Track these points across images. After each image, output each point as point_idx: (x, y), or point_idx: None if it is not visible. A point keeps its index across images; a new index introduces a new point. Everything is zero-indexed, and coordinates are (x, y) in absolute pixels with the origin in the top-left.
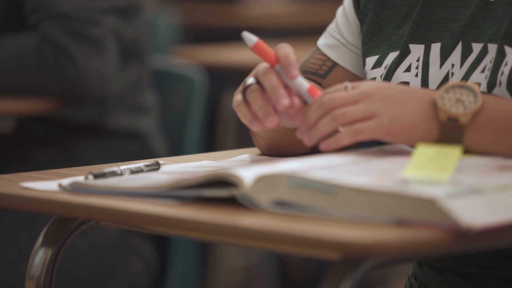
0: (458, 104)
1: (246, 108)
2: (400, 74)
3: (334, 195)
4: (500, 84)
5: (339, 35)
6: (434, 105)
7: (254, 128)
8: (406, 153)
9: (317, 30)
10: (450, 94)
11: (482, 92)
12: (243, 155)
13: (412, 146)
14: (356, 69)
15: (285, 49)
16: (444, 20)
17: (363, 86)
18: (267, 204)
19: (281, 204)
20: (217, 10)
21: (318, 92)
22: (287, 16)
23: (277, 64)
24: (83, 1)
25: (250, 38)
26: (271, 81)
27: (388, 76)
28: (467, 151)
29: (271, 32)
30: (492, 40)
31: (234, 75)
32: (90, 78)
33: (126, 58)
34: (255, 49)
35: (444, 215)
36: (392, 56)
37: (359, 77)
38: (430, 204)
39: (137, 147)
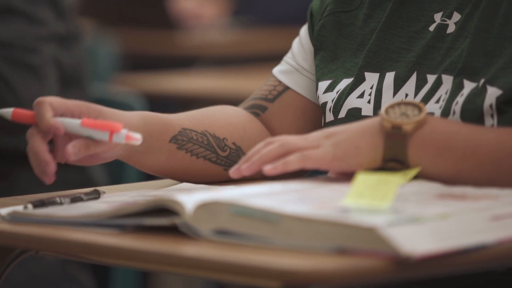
0: (403, 116)
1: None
2: (352, 99)
3: (275, 223)
4: (454, 113)
5: (293, 61)
6: (378, 122)
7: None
8: (346, 181)
9: (257, 59)
10: (395, 109)
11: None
12: (183, 183)
13: (361, 167)
14: (309, 94)
15: (38, 105)
16: (400, 50)
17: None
18: (208, 232)
19: (222, 232)
20: (157, 38)
21: (92, 121)
22: (227, 45)
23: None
24: (22, 29)
25: (5, 111)
26: (33, 146)
27: (339, 101)
28: (411, 165)
29: (211, 61)
30: (446, 72)
31: (174, 103)
32: (29, 107)
33: (66, 86)
34: (14, 118)
35: (384, 243)
36: (345, 82)
37: (311, 102)
38: (370, 232)
39: (77, 176)
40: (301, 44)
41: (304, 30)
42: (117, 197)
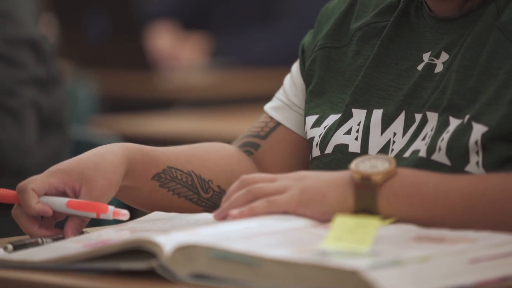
0: (372, 168)
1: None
2: (339, 135)
3: (256, 267)
4: (440, 149)
5: (284, 98)
6: (349, 174)
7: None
8: (323, 225)
9: (236, 101)
10: (365, 163)
11: (420, 158)
12: (154, 212)
13: (326, 216)
14: (300, 130)
15: (21, 193)
16: (387, 87)
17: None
18: (186, 276)
19: (201, 276)
20: (135, 80)
21: (77, 203)
22: (205, 87)
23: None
24: (1, 72)
25: None
26: (24, 227)
27: (326, 137)
28: (382, 215)
29: (190, 103)
30: (431, 109)
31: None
32: (8, 150)
33: (45, 129)
34: None
35: (367, 286)
36: (332, 118)
37: (302, 138)
38: (353, 275)
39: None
40: (292, 80)
41: (295, 67)
42: (93, 234)
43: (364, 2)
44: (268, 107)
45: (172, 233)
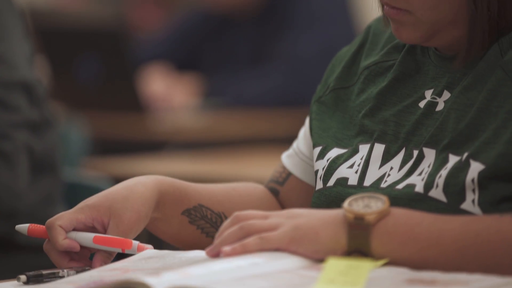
0: (366, 208)
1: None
2: (343, 169)
3: None
4: (437, 186)
5: (295, 145)
6: (342, 213)
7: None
8: (316, 266)
9: (228, 142)
10: (358, 202)
11: (416, 193)
12: (146, 250)
13: (318, 254)
14: (308, 179)
15: (49, 230)
16: (390, 123)
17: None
18: None
19: None
20: (127, 123)
21: (103, 239)
22: (197, 129)
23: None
24: None
25: (22, 227)
26: (55, 261)
27: (330, 169)
28: (375, 255)
29: (182, 145)
30: (428, 145)
31: None
32: (0, 193)
33: (38, 171)
34: (30, 233)
35: None
36: (336, 151)
37: (311, 186)
38: None
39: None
40: (304, 129)
41: (308, 118)
42: (84, 275)
43: (374, 41)
44: (284, 155)
45: (163, 274)
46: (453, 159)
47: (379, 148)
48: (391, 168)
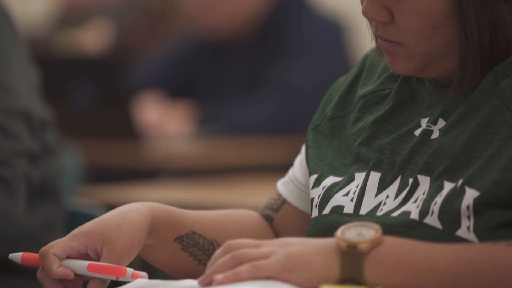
0: (359, 236)
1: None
2: (339, 197)
3: None
4: (433, 213)
5: (291, 173)
6: (335, 241)
7: None
8: None
9: (221, 170)
10: (351, 230)
11: (412, 220)
12: (138, 279)
13: (311, 283)
14: (304, 206)
15: (43, 258)
16: (386, 151)
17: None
18: None
19: None
20: (121, 150)
21: (97, 266)
22: (192, 156)
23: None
24: None
25: (15, 256)
26: (47, 287)
27: (325, 197)
28: (368, 284)
29: (176, 173)
30: (422, 172)
31: None
32: None
33: (39, 198)
34: (23, 262)
35: None
36: (332, 179)
37: (307, 214)
38: None
39: None
40: (300, 157)
41: (304, 146)
42: None
43: (370, 71)
44: (279, 182)
45: None
46: (448, 186)
47: (375, 176)
48: (387, 197)
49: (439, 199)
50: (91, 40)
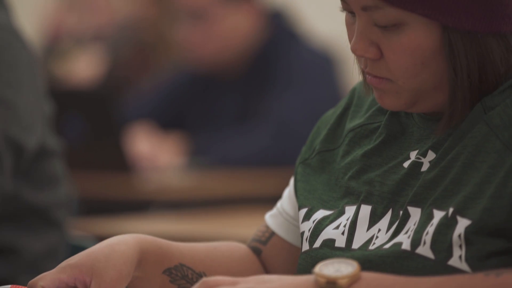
0: (337, 272)
1: None
2: (329, 230)
3: None
4: (424, 243)
5: (279, 205)
6: (313, 278)
7: None
8: None
9: (213, 202)
10: (329, 267)
11: (404, 251)
12: None
13: None
14: (292, 239)
15: (32, 286)
16: (375, 184)
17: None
18: None
19: None
20: (113, 182)
21: None
22: (183, 189)
23: None
24: None
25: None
26: None
27: (316, 231)
28: None
29: (167, 205)
30: (412, 204)
31: None
32: None
33: (42, 225)
34: None
35: None
36: (322, 212)
37: (295, 247)
38: None
39: None
40: (289, 190)
41: (292, 179)
42: None
43: (358, 104)
44: (267, 214)
45: None
46: (438, 215)
47: (366, 210)
48: (379, 230)
49: (430, 229)
50: (81, 70)
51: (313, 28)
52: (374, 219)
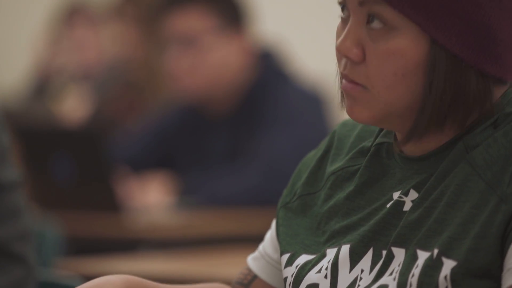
0: None
1: None
2: (312, 275)
3: None
4: (411, 285)
5: (261, 248)
6: None
7: None
8: None
9: (202, 242)
10: None
11: None
12: None
13: None
14: (274, 281)
15: None
16: (358, 226)
17: None
18: None
19: None
20: (101, 222)
21: None
22: (173, 228)
23: None
24: None
25: None
26: None
27: (299, 276)
28: None
29: (157, 244)
30: (396, 244)
31: None
32: None
33: (5, 259)
34: None
35: None
36: (304, 257)
37: None
38: None
39: None
40: (271, 232)
41: (274, 222)
42: None
43: (338, 146)
44: (249, 257)
45: None
46: (422, 255)
47: (345, 249)
48: (362, 271)
49: (415, 271)
50: (70, 109)
51: (304, 66)
52: (354, 259)
